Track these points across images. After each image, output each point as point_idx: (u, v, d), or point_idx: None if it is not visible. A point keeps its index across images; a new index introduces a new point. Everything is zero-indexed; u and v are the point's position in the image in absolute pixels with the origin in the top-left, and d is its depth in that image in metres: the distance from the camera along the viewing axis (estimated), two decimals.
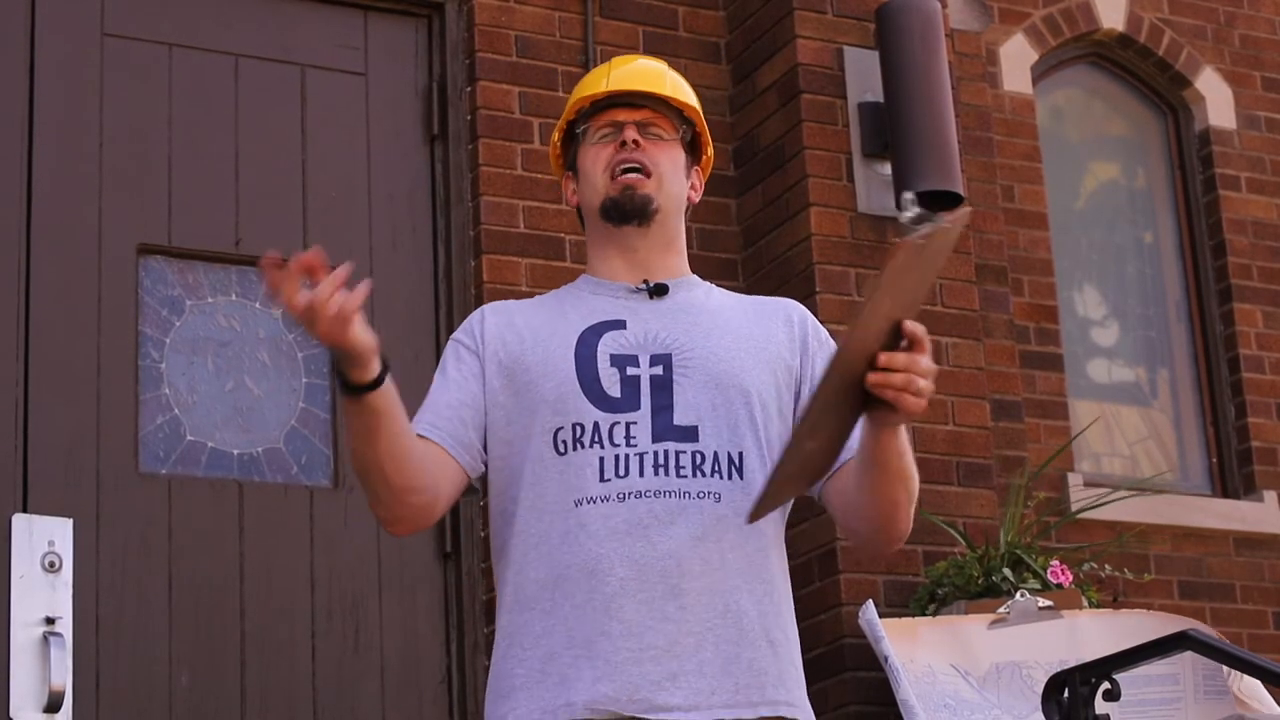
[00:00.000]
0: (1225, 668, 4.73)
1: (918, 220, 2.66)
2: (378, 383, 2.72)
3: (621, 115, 2.99)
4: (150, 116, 5.13)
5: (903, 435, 2.77)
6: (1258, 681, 4.80)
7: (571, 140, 3.06)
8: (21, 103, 4.99)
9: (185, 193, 5.11)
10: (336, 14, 5.46)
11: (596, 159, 2.99)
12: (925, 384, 2.63)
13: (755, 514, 2.73)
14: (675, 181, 3.01)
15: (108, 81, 5.10)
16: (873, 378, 2.62)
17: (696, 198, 3.08)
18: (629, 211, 2.97)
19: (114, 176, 5.03)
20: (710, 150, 3.11)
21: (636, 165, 2.96)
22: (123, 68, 5.13)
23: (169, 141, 5.13)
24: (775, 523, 2.89)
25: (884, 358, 2.61)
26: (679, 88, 3.05)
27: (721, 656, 2.77)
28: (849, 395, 2.64)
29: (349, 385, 2.72)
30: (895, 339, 2.63)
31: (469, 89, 5.50)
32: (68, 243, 4.94)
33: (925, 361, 2.63)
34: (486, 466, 2.95)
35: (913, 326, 2.62)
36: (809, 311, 3.05)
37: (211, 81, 5.24)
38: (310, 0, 5.43)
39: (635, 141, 2.96)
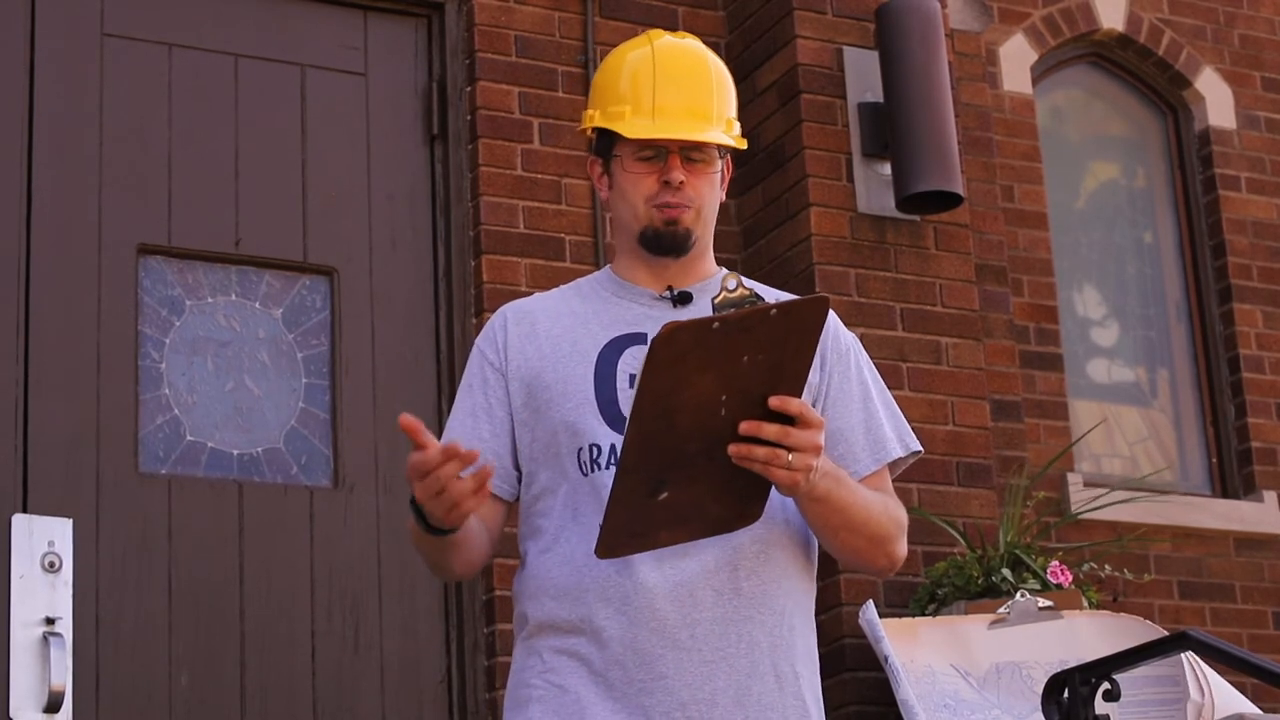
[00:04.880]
0: (1197, 682, 4.71)
1: (727, 306, 2.57)
2: (457, 526, 2.75)
3: (664, 141, 2.90)
4: (150, 116, 5.13)
5: (836, 493, 2.73)
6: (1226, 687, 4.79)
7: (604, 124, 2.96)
8: (21, 103, 4.99)
9: (185, 193, 5.11)
10: (336, 14, 5.46)
11: (637, 185, 2.92)
12: (798, 458, 2.57)
13: (602, 549, 2.64)
14: (714, 205, 2.96)
15: (108, 81, 5.10)
16: (733, 449, 2.56)
17: (724, 195, 3.03)
18: (668, 248, 2.93)
19: (114, 176, 5.03)
20: (741, 141, 3.01)
21: (680, 203, 2.90)
22: (123, 68, 5.13)
23: (169, 141, 5.13)
24: (791, 551, 2.86)
25: (749, 426, 2.54)
26: (723, 103, 2.95)
27: (734, 688, 2.76)
28: (720, 461, 2.56)
29: (431, 528, 2.75)
30: (768, 412, 2.55)
31: (469, 89, 5.50)
32: (68, 243, 4.94)
33: (802, 435, 2.57)
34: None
35: (784, 403, 2.55)
36: (832, 314, 2.96)
37: (211, 81, 5.24)
38: (310, 0, 5.43)
39: (682, 182, 2.89)
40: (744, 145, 2.98)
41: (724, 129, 2.94)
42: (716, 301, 2.57)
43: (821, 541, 2.88)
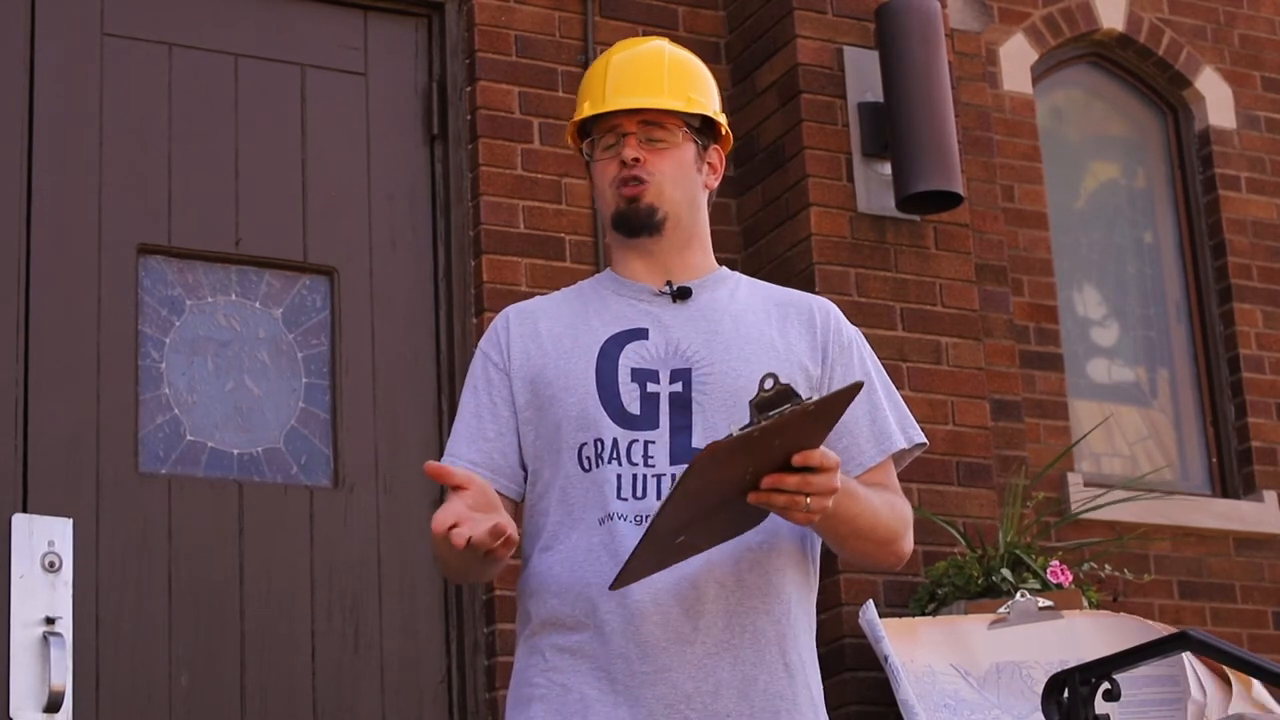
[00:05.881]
0: (1198, 681, 4.71)
1: (766, 406, 2.62)
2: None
3: (623, 124, 2.96)
4: (150, 116, 5.13)
5: (847, 508, 2.76)
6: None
7: (587, 134, 3.03)
8: (21, 103, 4.98)
9: (185, 193, 5.11)
10: (336, 14, 5.46)
11: (603, 174, 2.97)
12: (815, 501, 2.63)
13: (618, 584, 2.69)
14: (682, 184, 2.97)
15: (108, 81, 5.10)
16: (753, 497, 2.62)
17: (715, 182, 3.04)
18: (636, 226, 2.95)
19: (114, 176, 5.03)
20: (726, 129, 3.05)
21: (634, 178, 2.94)
22: (123, 68, 5.13)
23: (169, 141, 5.13)
24: (794, 542, 2.87)
25: (771, 480, 2.61)
26: (679, 82, 2.99)
27: (739, 679, 2.77)
28: (735, 502, 2.63)
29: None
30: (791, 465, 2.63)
31: (469, 89, 5.50)
32: (68, 242, 4.94)
33: (821, 481, 2.62)
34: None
35: (806, 458, 2.60)
36: (834, 308, 3.03)
37: (211, 81, 5.24)
38: (310, 0, 5.43)
39: (635, 159, 2.94)
40: (703, 111, 2.99)
41: (683, 104, 2.97)
42: (754, 402, 2.61)
43: (830, 547, 2.90)
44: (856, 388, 2.61)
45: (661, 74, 2.99)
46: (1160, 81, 7.03)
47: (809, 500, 2.62)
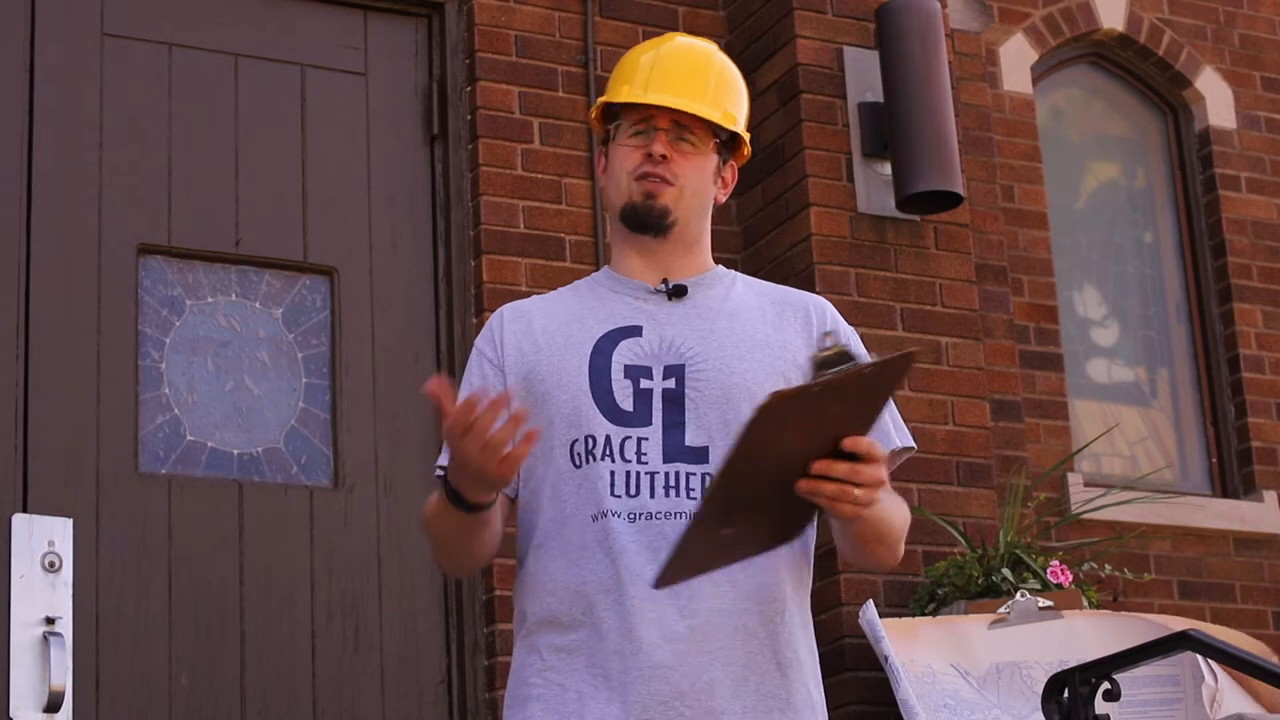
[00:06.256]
0: (1209, 665, 4.72)
1: (826, 364, 2.60)
2: (492, 501, 2.77)
3: (656, 118, 2.95)
4: (150, 116, 5.13)
5: (875, 510, 2.73)
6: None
7: (613, 116, 3.01)
8: (21, 103, 4.99)
9: (185, 193, 5.11)
10: (336, 14, 5.46)
11: (625, 160, 2.96)
12: (864, 493, 2.60)
13: (662, 581, 2.67)
14: (699, 192, 2.97)
15: (108, 81, 5.10)
16: (803, 485, 2.59)
17: (724, 196, 3.05)
18: (646, 222, 2.95)
19: (114, 176, 5.03)
20: (747, 149, 3.06)
21: (659, 176, 2.93)
22: (123, 68, 5.13)
23: (169, 141, 5.14)
24: (793, 542, 2.87)
25: (821, 465, 2.58)
26: (721, 93, 2.98)
27: (730, 678, 2.77)
28: (783, 493, 2.61)
29: (465, 503, 2.74)
30: (840, 450, 2.60)
31: (469, 89, 5.50)
32: (68, 242, 4.94)
33: (870, 472, 2.60)
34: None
35: (855, 444, 2.58)
36: (830, 307, 3.03)
37: (211, 81, 5.24)
38: (310, 0, 5.43)
39: (663, 156, 2.93)
40: (737, 129, 2.99)
41: (720, 116, 2.96)
42: (814, 358, 2.59)
43: (843, 547, 2.89)
44: (910, 356, 2.57)
45: (708, 80, 2.98)
46: (1160, 81, 7.03)
47: (858, 492, 2.60)
